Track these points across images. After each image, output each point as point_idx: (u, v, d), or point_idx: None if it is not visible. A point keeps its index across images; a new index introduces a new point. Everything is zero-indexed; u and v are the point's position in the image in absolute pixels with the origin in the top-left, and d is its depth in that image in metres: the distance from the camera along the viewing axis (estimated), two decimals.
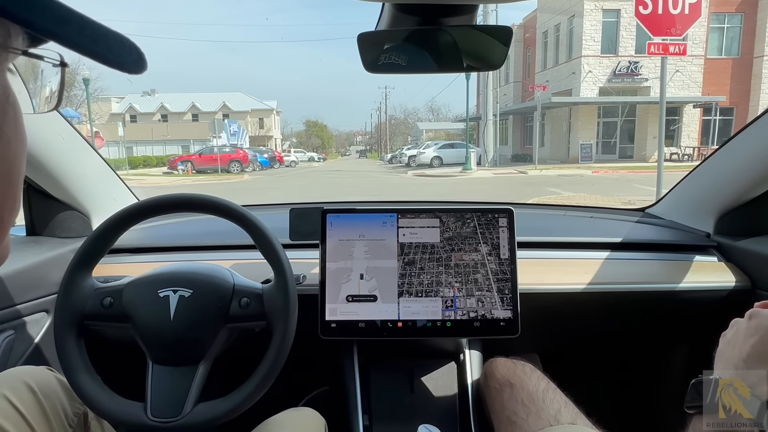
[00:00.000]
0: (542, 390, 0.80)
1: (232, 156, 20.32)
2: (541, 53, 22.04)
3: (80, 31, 0.29)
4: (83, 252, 0.77)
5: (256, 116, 42.04)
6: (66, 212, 1.11)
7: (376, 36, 0.78)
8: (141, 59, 0.33)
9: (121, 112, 38.73)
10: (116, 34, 0.31)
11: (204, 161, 19.68)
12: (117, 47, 0.31)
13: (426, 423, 0.82)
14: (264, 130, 41.94)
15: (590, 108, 18.68)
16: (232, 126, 31.03)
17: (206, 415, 0.72)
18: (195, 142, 29.21)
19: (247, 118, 40.02)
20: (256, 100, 42.72)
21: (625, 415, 1.35)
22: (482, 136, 18.27)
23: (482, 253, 0.93)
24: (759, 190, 1.02)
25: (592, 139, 18.41)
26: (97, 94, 28.84)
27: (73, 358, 0.73)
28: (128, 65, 0.32)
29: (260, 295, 0.78)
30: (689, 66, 17.90)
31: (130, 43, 0.32)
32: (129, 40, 0.32)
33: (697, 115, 18.11)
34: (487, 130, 17.97)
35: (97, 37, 0.30)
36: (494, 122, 18.56)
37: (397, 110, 68.23)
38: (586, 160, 17.28)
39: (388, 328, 0.91)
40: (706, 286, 1.03)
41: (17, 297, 0.91)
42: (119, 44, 0.31)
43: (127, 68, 0.32)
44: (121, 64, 0.31)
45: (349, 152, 72.38)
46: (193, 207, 0.81)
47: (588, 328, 1.18)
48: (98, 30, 0.30)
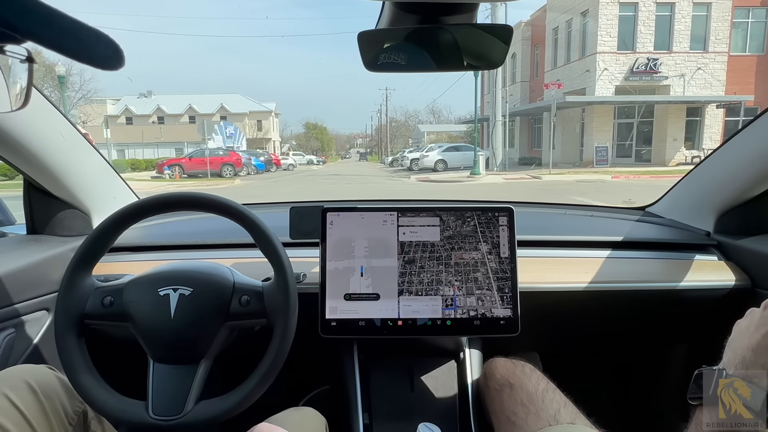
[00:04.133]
0: (542, 390, 0.83)
1: (225, 159, 19.96)
2: (551, 51, 21.64)
3: (44, 23, 0.28)
4: (83, 251, 0.79)
5: (254, 118, 42.29)
6: (66, 211, 1.15)
7: (377, 34, 0.82)
8: (117, 55, 0.32)
9: (117, 114, 38.92)
10: (90, 29, 0.30)
11: (194, 165, 19.30)
12: (91, 42, 0.30)
13: (426, 421, 0.84)
14: (262, 133, 42.08)
15: (606, 108, 18.22)
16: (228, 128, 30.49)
17: (208, 413, 0.75)
18: (189, 144, 28.99)
19: (245, 121, 40.18)
20: (255, 102, 42.98)
21: (625, 415, 1.39)
22: (490, 138, 17.81)
23: (482, 251, 0.96)
24: (759, 189, 1.06)
25: (607, 141, 17.98)
26: (91, 95, 28.85)
27: (74, 357, 0.75)
28: (102, 61, 0.31)
29: (260, 292, 0.81)
30: (711, 63, 17.60)
31: (106, 38, 0.31)
32: (105, 35, 0.31)
33: (720, 116, 17.81)
34: (495, 132, 17.43)
35: (64, 30, 0.29)
36: (503, 123, 18.01)
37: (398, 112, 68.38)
38: (601, 164, 16.96)
39: (388, 327, 0.95)
40: (706, 284, 1.07)
41: (18, 295, 0.94)
42: (94, 39, 0.30)
43: (101, 64, 0.31)
44: (94, 60, 0.31)
45: (349, 155, 72.65)
46: (193, 205, 0.84)
47: (588, 326, 1.22)
48: (68, 23, 0.29)
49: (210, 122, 17.60)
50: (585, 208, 1.52)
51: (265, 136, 42.28)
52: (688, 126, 18.08)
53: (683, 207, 1.30)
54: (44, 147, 1.02)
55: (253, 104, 42.83)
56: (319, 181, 17.04)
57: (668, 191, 1.37)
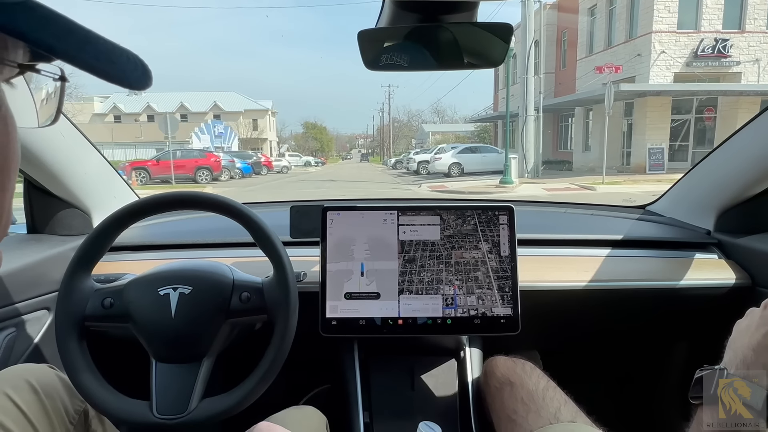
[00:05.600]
0: (542, 388, 0.85)
1: (200, 162, 17.37)
2: (586, 35, 18.13)
3: (81, 46, 0.29)
4: (82, 252, 0.80)
5: (250, 117, 41.67)
6: (67, 210, 1.16)
7: (377, 33, 0.84)
8: (146, 75, 0.34)
9: (105, 113, 38.53)
10: (122, 50, 0.32)
11: (163, 168, 16.31)
12: (121, 63, 0.32)
13: (426, 420, 0.85)
14: (257, 132, 41.51)
15: (662, 101, 14.54)
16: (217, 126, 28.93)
17: (212, 410, 0.76)
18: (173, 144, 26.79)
19: (239, 119, 39.67)
20: (250, 100, 42.46)
21: (626, 413, 1.41)
22: (520, 137, 14.24)
23: (482, 250, 0.98)
24: (759, 188, 1.08)
25: (663, 141, 14.75)
26: (77, 92, 28.50)
27: (76, 360, 0.76)
28: (132, 81, 0.33)
29: (260, 288, 0.82)
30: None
31: (135, 58, 0.33)
32: (134, 54, 0.33)
33: None
34: (526, 130, 14.16)
35: (99, 52, 0.30)
36: (536, 119, 14.66)
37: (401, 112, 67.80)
38: (656, 170, 13.96)
39: (388, 326, 0.96)
40: (706, 283, 1.08)
41: (18, 295, 0.96)
42: (124, 60, 0.32)
43: (131, 84, 0.33)
44: (125, 81, 0.32)
45: (351, 156, 72.78)
46: (192, 204, 0.85)
47: (588, 325, 1.24)
48: (102, 45, 0.30)
49: (174, 117, 14.27)
50: (585, 206, 1.54)
51: (260, 135, 41.63)
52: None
53: (683, 205, 1.31)
54: (44, 146, 1.03)
55: (249, 102, 42.24)
56: (309, 190, 14.04)
57: (668, 190, 1.39)
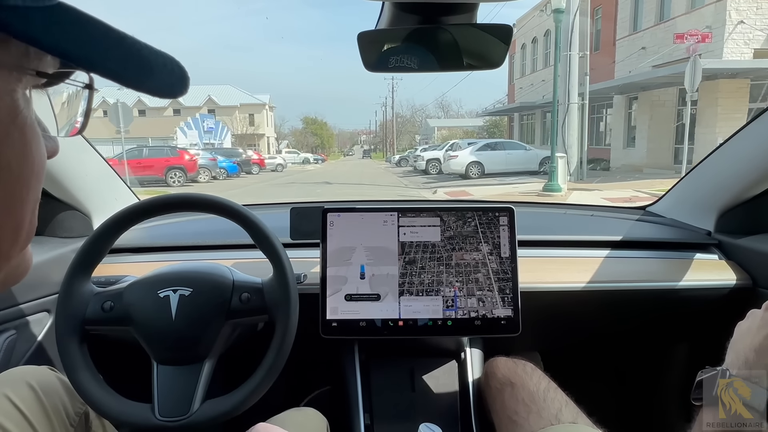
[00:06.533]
0: (543, 389, 0.85)
1: (172, 161, 15.06)
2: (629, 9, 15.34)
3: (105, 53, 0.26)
4: (81, 256, 0.81)
5: (246, 111, 40.72)
6: (67, 212, 1.17)
7: (376, 35, 0.84)
8: (182, 81, 0.29)
9: (93, 107, 38.23)
10: (157, 54, 0.28)
11: (130, 168, 13.22)
12: (157, 71, 0.28)
13: (427, 422, 0.86)
14: (254, 128, 40.62)
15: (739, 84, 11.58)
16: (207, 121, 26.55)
17: (214, 412, 0.77)
18: (154, 140, 23.89)
19: (234, 114, 38.74)
20: (247, 94, 41.47)
21: (626, 414, 1.42)
22: (563, 129, 11.16)
23: (483, 252, 0.99)
24: (760, 188, 1.08)
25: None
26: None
27: (77, 364, 0.77)
28: (166, 90, 0.29)
29: (260, 289, 0.83)
30: None
31: (171, 61, 0.29)
32: (170, 57, 0.29)
33: None
34: (568, 121, 11.34)
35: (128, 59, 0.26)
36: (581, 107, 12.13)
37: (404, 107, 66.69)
38: None
39: (389, 327, 0.97)
40: (706, 284, 1.09)
41: (19, 297, 0.97)
42: (159, 67, 0.28)
43: (166, 93, 0.29)
44: (160, 91, 0.29)
45: (353, 152, 72.62)
46: (192, 206, 0.86)
47: (589, 326, 1.25)
48: (132, 50, 0.27)
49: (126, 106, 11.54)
50: (585, 207, 1.55)
51: (257, 131, 40.69)
52: None
53: (684, 206, 1.32)
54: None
55: (245, 96, 41.11)
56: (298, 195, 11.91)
57: (669, 190, 1.40)
